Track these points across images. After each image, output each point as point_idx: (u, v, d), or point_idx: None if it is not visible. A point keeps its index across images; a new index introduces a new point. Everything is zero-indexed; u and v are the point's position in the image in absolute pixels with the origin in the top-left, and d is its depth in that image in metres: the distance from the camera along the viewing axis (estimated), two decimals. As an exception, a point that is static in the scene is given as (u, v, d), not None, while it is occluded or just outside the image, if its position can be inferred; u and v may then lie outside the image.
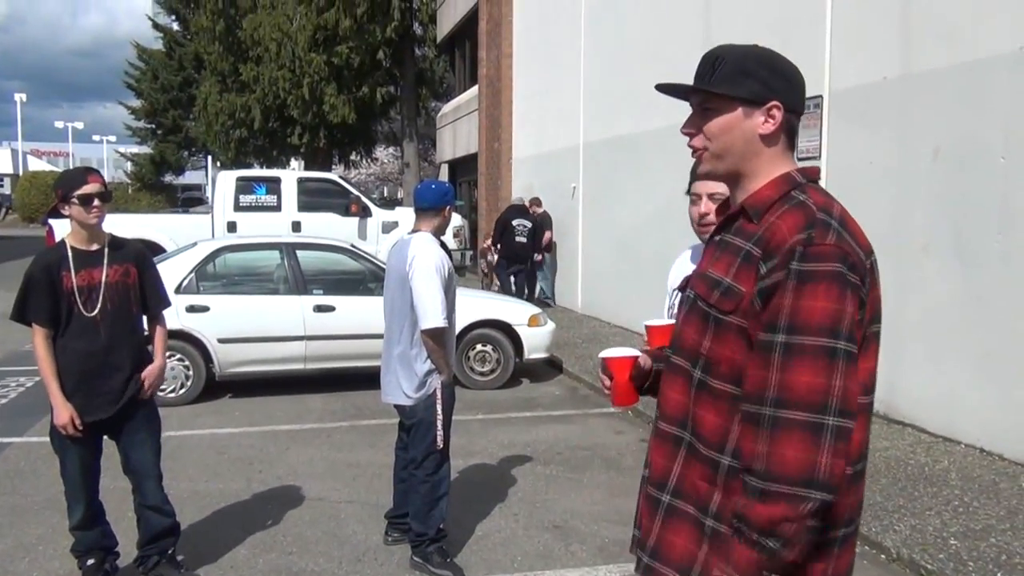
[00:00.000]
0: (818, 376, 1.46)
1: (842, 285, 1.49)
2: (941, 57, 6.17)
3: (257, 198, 14.36)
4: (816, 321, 1.47)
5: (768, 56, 1.68)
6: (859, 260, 1.53)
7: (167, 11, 38.82)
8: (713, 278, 1.63)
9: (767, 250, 1.54)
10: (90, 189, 3.52)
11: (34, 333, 3.55)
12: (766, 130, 1.64)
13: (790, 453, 1.45)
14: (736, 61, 1.65)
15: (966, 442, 5.98)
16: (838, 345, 1.47)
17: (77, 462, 3.65)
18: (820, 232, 1.52)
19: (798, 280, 1.49)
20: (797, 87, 1.68)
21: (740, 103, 1.64)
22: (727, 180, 1.72)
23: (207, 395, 7.80)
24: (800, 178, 1.65)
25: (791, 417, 1.46)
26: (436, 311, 4.02)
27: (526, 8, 16.57)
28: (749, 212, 1.63)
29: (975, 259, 5.91)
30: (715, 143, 1.67)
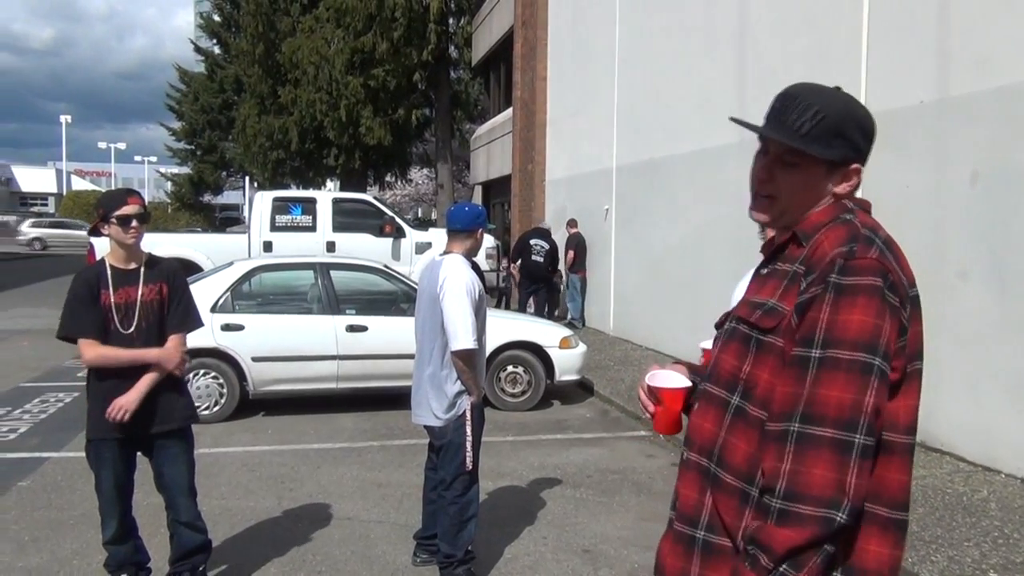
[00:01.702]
0: (850, 392, 1.40)
1: (882, 300, 1.44)
2: (978, 81, 6.11)
3: (293, 218, 14.53)
4: (852, 335, 1.42)
5: (859, 114, 1.61)
6: (900, 282, 1.49)
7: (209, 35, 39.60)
8: (757, 301, 1.61)
9: (809, 264, 1.52)
10: (129, 210, 3.60)
11: (84, 348, 3.60)
12: (842, 191, 1.61)
13: (817, 471, 1.39)
14: (834, 119, 1.57)
15: (1006, 472, 5.85)
16: (874, 361, 1.42)
17: (111, 477, 3.71)
18: (863, 247, 1.48)
19: (836, 293, 1.44)
20: (870, 144, 1.64)
21: (826, 164, 1.59)
22: (781, 227, 1.67)
23: (240, 413, 7.88)
24: (851, 204, 1.62)
25: (819, 434, 1.40)
26: (466, 332, 4.04)
27: (560, 32, 16.68)
28: (799, 236, 1.60)
29: (1013, 286, 5.81)
30: (787, 198, 1.63)
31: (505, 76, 21.81)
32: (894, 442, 1.53)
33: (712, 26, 10.10)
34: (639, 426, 7.76)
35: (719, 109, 9.78)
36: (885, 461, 1.52)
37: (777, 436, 1.46)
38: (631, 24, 12.85)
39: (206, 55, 41.62)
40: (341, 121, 26.42)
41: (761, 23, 9.06)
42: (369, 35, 24.91)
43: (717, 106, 9.84)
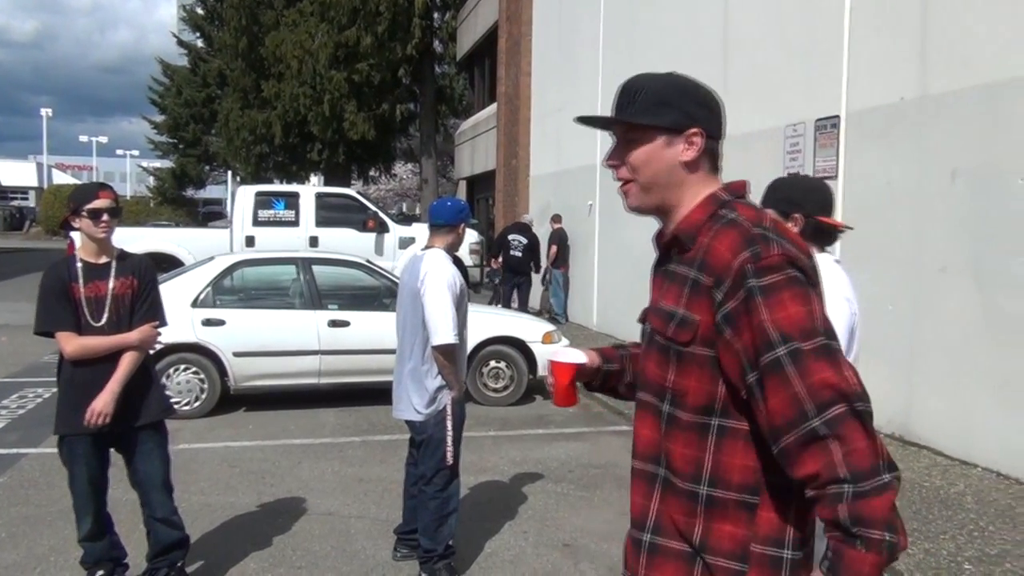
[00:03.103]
0: (830, 372, 1.44)
1: (802, 286, 1.49)
2: (959, 79, 6.15)
3: (275, 213, 14.49)
4: (799, 327, 1.46)
5: (686, 84, 1.70)
6: (805, 264, 1.54)
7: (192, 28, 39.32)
8: (666, 310, 1.63)
9: (714, 275, 1.54)
10: (100, 204, 3.58)
11: (64, 341, 3.58)
12: (688, 156, 1.65)
13: (861, 443, 1.42)
14: (656, 91, 1.67)
15: (983, 465, 5.91)
16: (830, 342, 1.47)
17: (85, 474, 3.68)
18: (763, 246, 1.51)
19: (763, 296, 1.48)
20: (716, 113, 1.70)
21: (661, 132, 1.65)
22: (657, 213, 1.72)
23: (221, 408, 7.84)
24: (725, 195, 1.65)
25: (841, 412, 1.43)
26: (447, 328, 4.03)
27: (545, 27, 16.67)
28: (682, 239, 1.63)
29: (993, 281, 5.86)
30: (640, 174, 1.68)
31: (489, 71, 21.79)
32: None
33: (696, 23, 10.12)
34: (621, 421, 7.78)
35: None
36: None
37: (806, 440, 1.45)
38: (615, 19, 12.86)
39: (189, 49, 41.35)
40: (325, 115, 26.32)
41: (744, 20, 9.08)
42: (353, 29, 24.83)
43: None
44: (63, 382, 3.69)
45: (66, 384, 3.67)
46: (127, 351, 3.65)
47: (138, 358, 3.69)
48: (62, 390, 3.70)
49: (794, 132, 8.02)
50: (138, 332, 3.67)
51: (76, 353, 3.58)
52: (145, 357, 3.77)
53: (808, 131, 7.80)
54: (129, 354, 3.65)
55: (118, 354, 3.64)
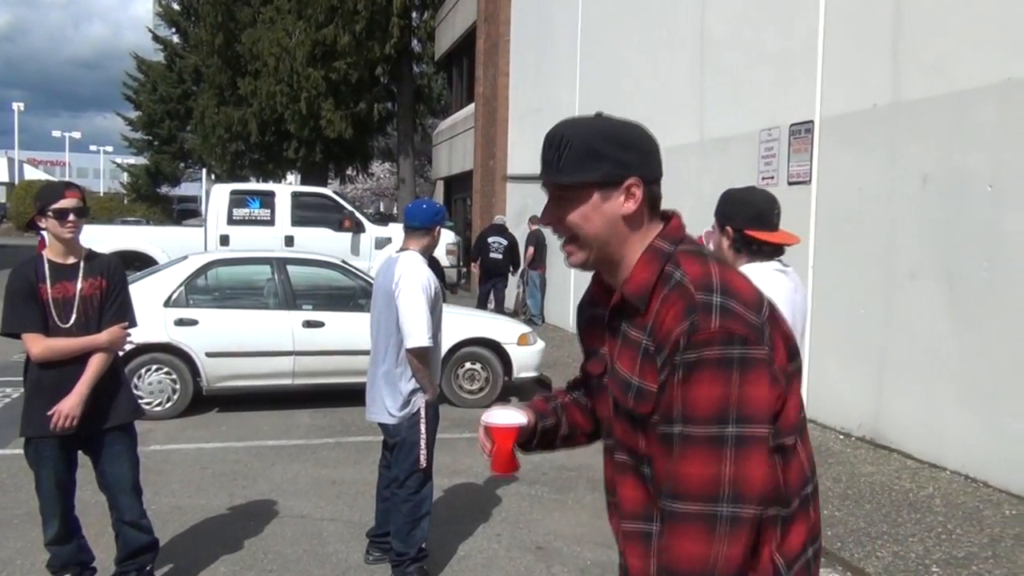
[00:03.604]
0: (707, 466, 1.41)
1: (727, 368, 1.42)
2: (930, 86, 6.23)
3: (251, 212, 14.39)
4: (702, 410, 1.42)
5: (615, 129, 1.56)
6: (751, 329, 1.45)
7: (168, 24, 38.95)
8: (623, 378, 1.57)
9: (658, 343, 1.49)
10: (66, 204, 3.52)
11: (31, 343, 3.53)
12: (628, 210, 1.54)
13: (687, 547, 1.42)
14: (583, 142, 1.54)
15: (951, 468, 5.98)
16: (725, 432, 1.41)
17: (52, 477, 3.63)
18: (702, 317, 1.44)
19: (684, 371, 1.43)
20: (651, 155, 1.58)
21: (595, 188, 1.54)
22: (602, 268, 1.63)
23: (194, 409, 7.77)
24: (667, 247, 1.56)
25: (685, 510, 1.43)
26: (421, 330, 4.02)
27: (523, 28, 16.68)
28: (634, 303, 1.54)
29: (962, 286, 5.94)
30: (584, 232, 1.57)
31: (468, 71, 21.77)
32: (788, 444, 1.56)
33: (673, 26, 10.17)
34: (596, 423, 7.79)
35: (680, 108, 9.86)
36: (785, 465, 1.56)
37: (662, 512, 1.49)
38: (593, 22, 12.89)
39: (165, 44, 40.94)
40: (302, 114, 26.15)
41: (721, 24, 9.14)
42: (331, 27, 24.69)
43: (678, 105, 9.91)
44: (30, 384, 3.63)
45: (33, 386, 3.61)
46: (95, 353, 3.60)
47: (107, 360, 3.64)
48: (29, 392, 3.64)
49: (769, 136, 8.08)
50: (107, 333, 3.62)
51: (43, 355, 3.53)
52: (114, 358, 3.73)
53: (783, 136, 7.86)
54: (97, 356, 3.60)
55: (86, 356, 3.59)
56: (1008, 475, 5.54)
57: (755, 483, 1.43)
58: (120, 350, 3.77)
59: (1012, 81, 5.53)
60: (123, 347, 3.79)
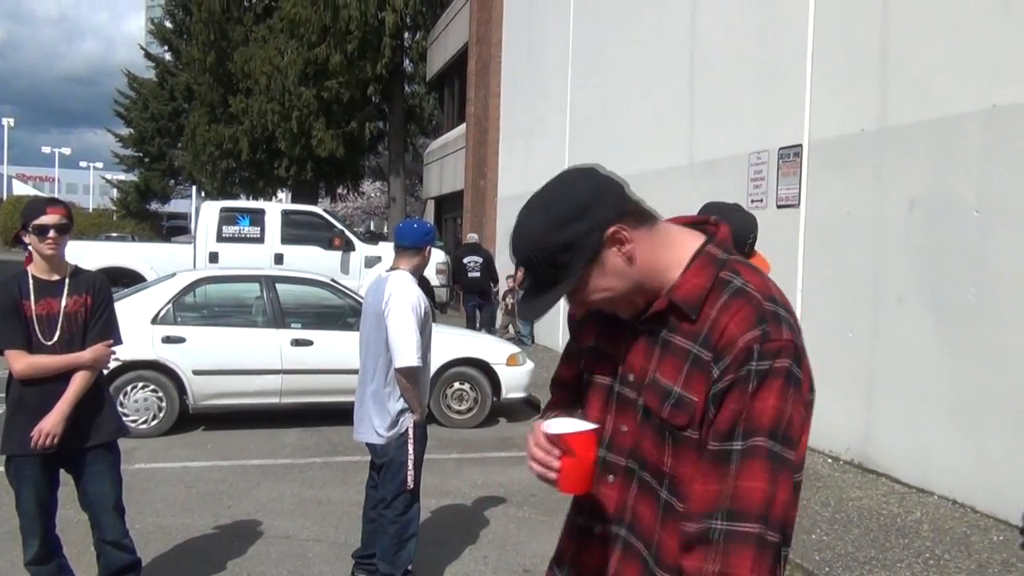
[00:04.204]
0: (767, 482, 1.35)
1: (789, 384, 1.38)
2: (917, 111, 6.29)
3: (240, 229, 14.36)
4: (768, 421, 1.36)
5: (563, 204, 1.45)
6: (802, 345, 1.42)
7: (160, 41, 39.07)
8: (663, 386, 1.47)
9: (717, 351, 1.40)
10: (47, 220, 3.48)
11: (13, 359, 3.49)
12: (628, 253, 1.46)
13: (739, 567, 1.33)
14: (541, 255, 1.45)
15: (939, 493, 5.98)
16: (779, 450, 1.36)
17: (33, 495, 3.58)
18: (774, 327, 1.39)
19: (757, 381, 1.37)
20: (610, 190, 1.47)
21: (589, 268, 1.46)
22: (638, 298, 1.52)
23: (180, 427, 7.71)
24: (720, 253, 1.50)
25: (745, 531, 1.33)
26: (411, 350, 4.01)
27: (514, 50, 16.79)
28: (684, 309, 1.46)
29: (949, 311, 5.97)
30: (600, 299, 1.50)
31: (459, 92, 21.87)
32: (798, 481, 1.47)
33: (663, 50, 10.25)
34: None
35: (670, 130, 9.93)
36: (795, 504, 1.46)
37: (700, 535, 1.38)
38: (584, 44, 12.99)
39: (157, 62, 41.06)
40: (293, 132, 26.22)
41: (710, 47, 9.22)
42: (323, 47, 24.82)
43: (668, 127, 9.98)
44: (12, 401, 3.58)
45: (15, 403, 3.57)
46: (79, 370, 3.56)
47: (90, 378, 3.60)
48: (10, 409, 3.59)
49: (758, 160, 8.13)
50: (91, 351, 3.59)
51: (25, 372, 3.49)
52: (98, 376, 3.69)
53: (772, 159, 7.92)
54: (80, 374, 3.56)
55: (70, 373, 3.55)
56: (995, 501, 5.54)
57: (789, 511, 1.37)
58: (104, 368, 3.74)
59: (997, 108, 5.59)
60: (107, 365, 3.75)
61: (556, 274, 1.46)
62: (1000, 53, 5.61)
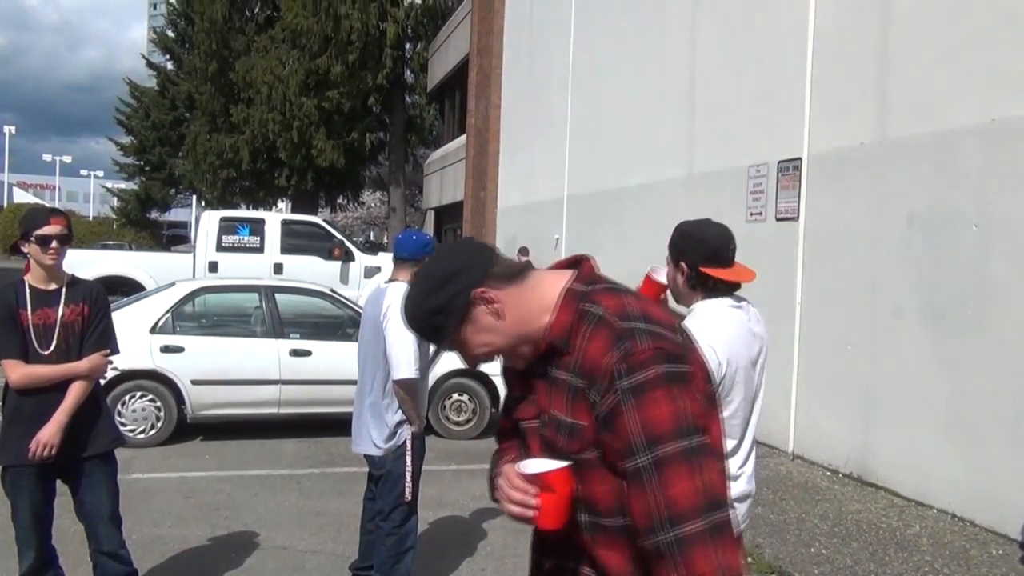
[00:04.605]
0: (692, 480, 1.45)
1: (669, 383, 1.48)
2: (915, 125, 6.31)
3: (240, 239, 14.36)
4: (666, 428, 1.46)
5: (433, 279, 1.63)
6: (675, 346, 1.53)
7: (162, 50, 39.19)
8: (557, 419, 1.59)
9: (588, 377, 1.52)
10: (50, 230, 3.48)
11: (9, 369, 3.48)
12: (496, 310, 1.61)
13: (700, 566, 1.43)
14: (421, 310, 1.63)
15: (938, 507, 5.97)
16: (691, 443, 1.46)
17: (28, 506, 3.56)
18: (631, 343, 1.50)
19: (633, 397, 1.47)
20: (474, 260, 1.63)
21: (459, 328, 1.62)
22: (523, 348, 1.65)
23: (178, 437, 7.69)
24: (582, 287, 1.62)
25: (689, 532, 1.44)
26: (409, 362, 4.00)
27: (515, 62, 16.84)
28: (558, 345, 1.59)
29: (948, 325, 5.97)
30: (484, 353, 1.66)
31: (460, 103, 21.92)
32: None
33: (663, 63, 10.29)
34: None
35: (669, 143, 9.95)
36: None
37: (655, 552, 1.47)
38: (585, 56, 13.03)
39: (158, 71, 41.16)
40: (293, 142, 26.27)
41: (710, 61, 9.25)
42: (324, 57, 24.90)
43: (667, 141, 10.01)
44: (8, 411, 3.57)
45: (11, 414, 3.55)
46: (76, 380, 3.55)
47: (87, 387, 3.59)
48: (7, 419, 3.58)
49: (757, 173, 8.15)
50: (87, 361, 3.57)
51: (22, 382, 3.48)
52: (95, 386, 3.69)
53: (771, 172, 7.94)
54: (78, 383, 3.55)
55: (66, 383, 3.53)
56: (994, 514, 5.53)
57: (721, 487, 1.48)
58: (101, 378, 3.73)
59: (996, 123, 5.61)
60: (104, 375, 3.74)
61: (435, 335, 1.65)
62: (998, 68, 5.63)
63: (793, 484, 6.64)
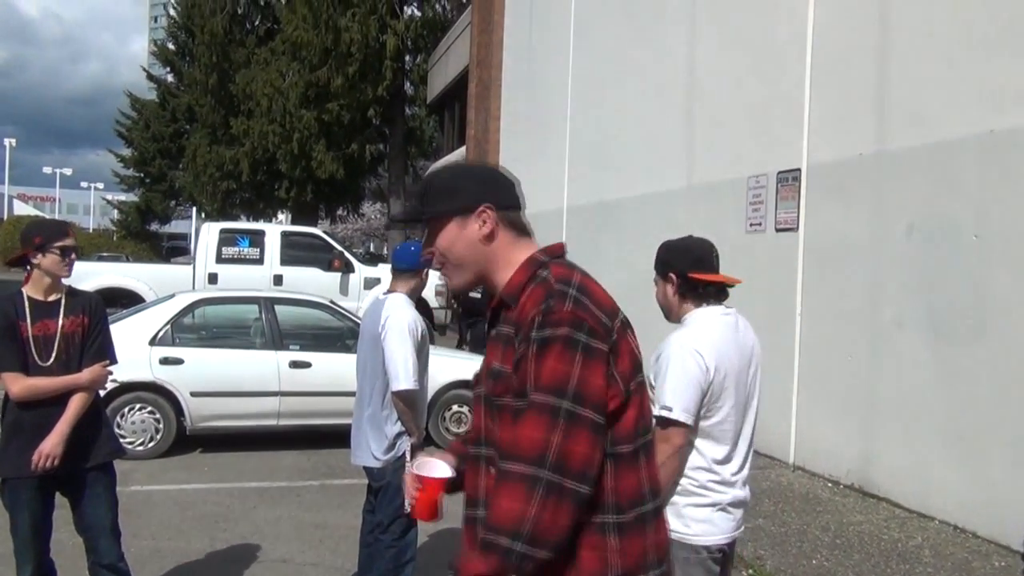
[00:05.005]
0: (540, 431, 1.56)
1: (573, 349, 1.60)
2: (913, 136, 6.32)
3: (240, 250, 14.36)
4: (545, 380, 1.58)
5: (470, 168, 1.90)
6: (598, 323, 1.64)
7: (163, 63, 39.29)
8: (490, 368, 1.75)
9: (517, 326, 1.68)
10: (70, 242, 3.55)
11: (9, 382, 3.47)
12: (484, 232, 1.79)
13: (504, 504, 1.56)
14: (443, 181, 1.85)
15: (940, 518, 5.95)
16: (562, 404, 1.57)
17: (28, 519, 3.55)
18: (557, 301, 1.64)
19: (538, 346, 1.61)
20: (504, 186, 1.85)
21: (454, 216, 1.80)
22: (478, 284, 1.86)
23: (176, 449, 7.67)
24: (543, 257, 1.80)
25: (511, 469, 1.58)
26: (407, 373, 3.99)
27: (514, 73, 16.88)
28: (507, 300, 1.76)
29: (948, 335, 5.96)
30: (449, 256, 1.83)
31: (459, 114, 21.96)
32: (622, 452, 1.69)
33: (662, 74, 10.31)
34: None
35: (668, 154, 9.96)
36: (617, 472, 1.68)
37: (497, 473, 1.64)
38: (584, 67, 13.06)
39: (159, 83, 41.27)
40: (293, 154, 26.29)
41: (709, 73, 9.27)
42: (324, 69, 24.93)
43: (666, 151, 10.01)
44: (8, 424, 3.56)
45: (12, 426, 3.54)
46: (76, 392, 3.55)
47: (88, 399, 3.59)
48: (7, 432, 3.57)
49: (756, 184, 8.16)
50: (89, 372, 3.57)
51: (23, 394, 3.47)
52: (95, 397, 3.68)
53: (770, 183, 7.94)
54: (79, 395, 3.55)
55: (67, 395, 3.53)
56: (996, 526, 5.51)
57: (578, 459, 1.57)
58: (102, 389, 3.73)
59: (994, 134, 5.61)
60: (104, 386, 3.74)
61: (426, 202, 1.83)
62: (997, 79, 5.64)
63: (794, 495, 6.62)
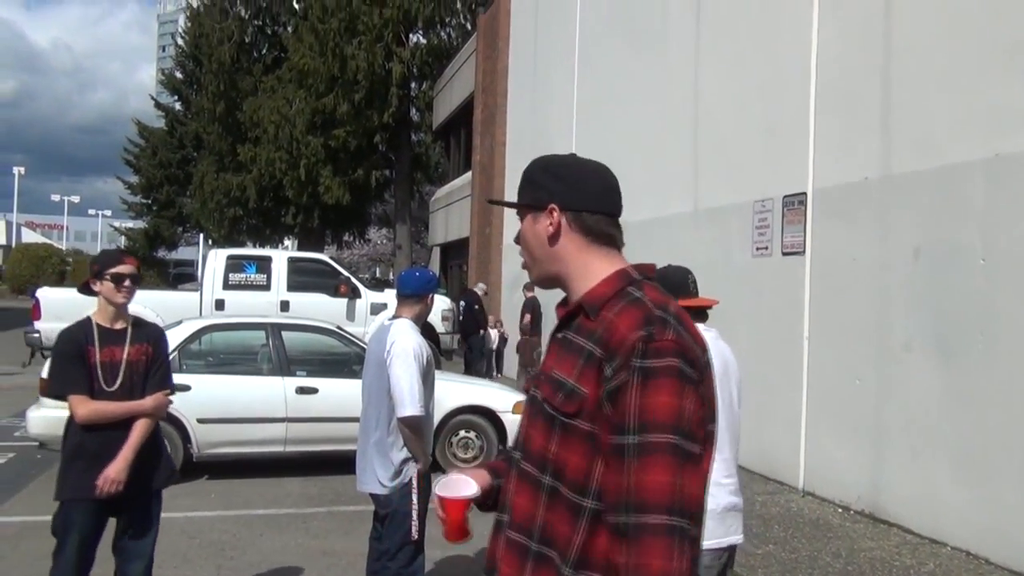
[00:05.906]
0: (670, 474, 1.44)
1: (682, 381, 1.48)
2: (921, 160, 6.33)
3: (247, 277, 14.39)
4: (663, 417, 1.46)
5: (550, 161, 1.75)
6: (697, 356, 1.53)
7: (170, 91, 39.64)
8: (557, 379, 1.61)
9: (608, 349, 1.53)
10: (124, 269, 3.66)
11: (76, 405, 3.59)
12: (548, 232, 1.69)
13: (656, 564, 1.42)
14: (528, 172, 1.76)
15: (952, 544, 5.89)
16: (681, 444, 1.46)
17: (77, 542, 3.60)
18: (659, 329, 1.51)
19: (641, 377, 1.47)
20: (578, 187, 1.70)
21: (528, 210, 1.74)
22: (554, 284, 1.75)
23: (183, 476, 7.61)
24: (635, 275, 1.66)
25: (651, 523, 1.43)
26: (413, 399, 3.99)
27: (520, 99, 16.99)
28: (586, 309, 1.62)
29: (957, 358, 5.93)
30: (524, 250, 1.77)
31: (465, 140, 22.09)
32: None
33: (667, 99, 10.36)
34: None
35: (674, 179, 9.99)
36: None
37: (615, 530, 1.48)
38: (588, 93, 13.14)
39: (166, 111, 41.61)
40: (300, 180, 26.43)
41: (714, 96, 9.32)
42: (331, 97, 25.13)
43: (672, 176, 10.04)
44: (70, 447, 3.65)
45: (73, 449, 3.64)
46: (140, 418, 3.67)
47: (151, 425, 3.73)
48: (68, 455, 3.66)
49: (763, 208, 8.17)
50: (152, 399, 3.71)
51: (88, 417, 3.58)
52: None
53: (776, 207, 7.95)
54: (142, 421, 3.68)
55: (127, 421, 3.64)
56: (1008, 551, 5.45)
57: (695, 501, 1.47)
58: (162, 416, 3.86)
59: (1000, 157, 5.62)
60: (164, 414, 3.88)
61: (520, 193, 1.76)
62: (1002, 102, 5.66)
63: (804, 521, 6.56)
